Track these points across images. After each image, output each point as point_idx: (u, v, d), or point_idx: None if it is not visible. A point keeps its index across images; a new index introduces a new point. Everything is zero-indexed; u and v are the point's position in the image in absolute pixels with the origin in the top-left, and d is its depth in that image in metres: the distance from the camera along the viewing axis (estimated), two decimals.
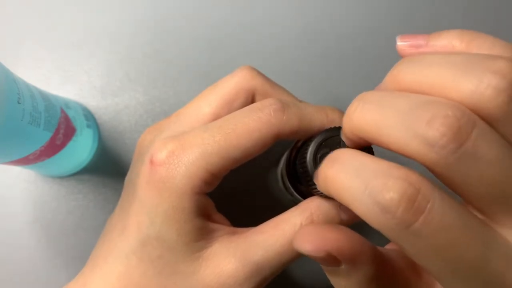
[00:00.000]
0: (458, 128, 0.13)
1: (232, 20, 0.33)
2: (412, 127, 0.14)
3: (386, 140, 0.15)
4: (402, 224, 0.14)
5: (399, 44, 0.19)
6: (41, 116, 0.23)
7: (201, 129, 0.21)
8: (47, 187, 0.31)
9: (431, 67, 0.15)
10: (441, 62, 0.15)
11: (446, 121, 0.13)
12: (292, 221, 0.21)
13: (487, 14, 0.34)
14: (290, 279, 0.31)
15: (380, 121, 0.15)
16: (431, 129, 0.13)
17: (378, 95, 0.16)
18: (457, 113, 0.13)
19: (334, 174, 0.16)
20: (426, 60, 0.15)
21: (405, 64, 0.16)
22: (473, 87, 0.14)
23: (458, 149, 0.13)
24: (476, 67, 0.14)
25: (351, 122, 0.16)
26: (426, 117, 0.14)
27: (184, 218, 0.20)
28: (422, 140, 0.14)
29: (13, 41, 0.32)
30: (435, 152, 0.13)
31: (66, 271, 0.30)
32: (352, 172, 0.15)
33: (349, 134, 0.17)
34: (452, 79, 0.14)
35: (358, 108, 0.16)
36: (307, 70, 0.33)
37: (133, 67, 0.32)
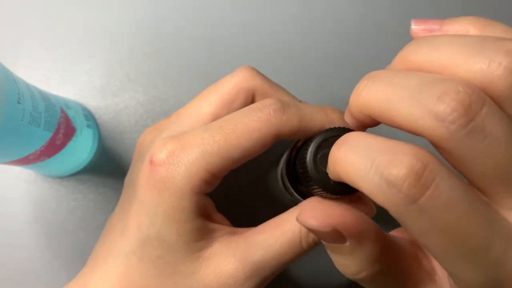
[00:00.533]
0: (468, 104, 0.13)
1: (232, 20, 0.33)
2: (423, 103, 0.14)
3: (395, 116, 0.15)
4: (407, 199, 0.13)
5: (413, 28, 0.19)
6: (41, 116, 0.23)
7: (201, 129, 0.21)
8: (47, 187, 0.31)
9: (441, 47, 0.15)
10: (452, 43, 0.15)
11: (457, 96, 0.13)
12: (292, 221, 0.21)
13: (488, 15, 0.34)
14: (290, 279, 0.31)
15: (389, 98, 0.15)
16: (442, 104, 0.13)
17: (387, 74, 0.16)
18: (468, 90, 0.13)
19: (341, 155, 0.16)
20: (437, 41, 0.15)
21: (415, 45, 0.16)
22: (484, 66, 0.14)
23: (467, 124, 0.13)
24: (487, 47, 0.14)
25: (360, 99, 0.16)
26: (437, 93, 0.14)
27: (184, 218, 0.20)
28: (432, 115, 0.14)
29: (13, 41, 0.33)
30: (444, 127, 0.13)
31: (66, 271, 0.30)
32: (359, 151, 0.15)
33: (356, 112, 0.17)
34: (463, 59, 0.14)
35: (367, 86, 0.16)
36: (307, 69, 0.33)
37: (133, 67, 0.32)
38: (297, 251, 0.21)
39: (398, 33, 0.33)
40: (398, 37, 0.33)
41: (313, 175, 0.19)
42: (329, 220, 0.16)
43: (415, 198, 0.13)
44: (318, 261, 0.30)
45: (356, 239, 0.16)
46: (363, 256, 0.16)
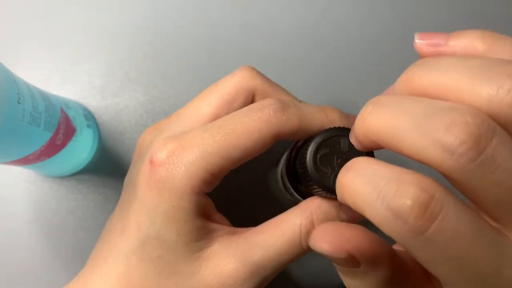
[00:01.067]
0: (478, 136, 0.13)
1: (232, 20, 0.33)
2: (430, 133, 0.13)
3: (402, 145, 0.14)
4: (414, 231, 0.13)
5: (417, 42, 0.18)
6: (41, 116, 0.23)
7: (201, 129, 0.21)
8: (47, 187, 0.31)
9: (448, 71, 0.15)
10: (458, 66, 0.14)
11: (466, 128, 0.13)
12: (292, 221, 0.21)
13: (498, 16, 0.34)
14: (290, 279, 0.31)
15: (396, 125, 0.15)
16: (451, 135, 0.13)
17: (393, 99, 0.15)
18: (477, 120, 0.13)
19: (348, 182, 0.15)
20: (443, 63, 0.15)
21: (420, 66, 0.15)
22: (492, 92, 0.13)
23: (477, 157, 0.13)
24: (495, 72, 0.14)
25: (365, 125, 0.16)
26: (445, 123, 0.13)
27: (184, 218, 0.20)
28: (440, 147, 0.13)
29: (13, 41, 0.32)
30: (453, 160, 0.13)
31: (66, 271, 0.30)
32: (365, 179, 0.15)
33: (362, 137, 0.16)
34: (470, 84, 0.14)
35: (373, 111, 0.15)
36: (307, 69, 0.33)
37: (133, 67, 0.32)
38: (297, 251, 0.21)
39: (399, 33, 0.33)
40: (400, 37, 0.33)
41: (313, 175, 0.19)
42: (343, 245, 0.15)
43: (421, 230, 0.13)
44: (318, 261, 0.30)
45: (371, 263, 0.15)
46: (376, 280, 0.16)
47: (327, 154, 0.19)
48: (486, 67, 0.14)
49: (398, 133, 0.14)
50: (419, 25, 0.34)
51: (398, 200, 0.13)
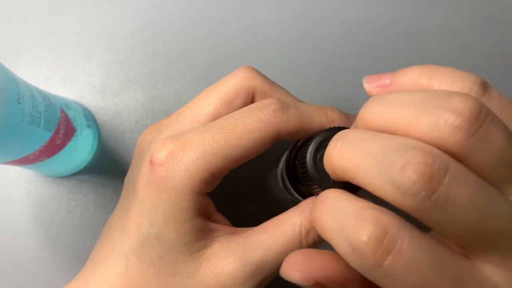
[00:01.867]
0: (430, 175, 0.13)
1: (232, 20, 0.33)
2: (386, 173, 0.14)
3: (362, 182, 0.15)
4: (372, 265, 0.14)
5: (366, 87, 0.20)
6: (41, 116, 0.23)
7: (201, 129, 0.21)
8: (47, 187, 0.31)
9: (392, 107, 0.15)
10: (400, 102, 0.15)
11: (418, 168, 0.13)
12: (292, 221, 0.21)
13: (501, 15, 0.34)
14: None
15: (356, 164, 0.15)
16: (403, 176, 0.14)
17: (355, 135, 0.16)
18: (428, 159, 0.14)
19: (318, 216, 0.16)
20: (388, 100, 0.16)
21: (370, 105, 0.16)
22: (432, 125, 0.14)
23: (431, 196, 0.14)
24: (434, 105, 0.14)
25: (330, 161, 0.17)
26: (399, 164, 0.14)
27: (184, 218, 0.20)
28: (395, 187, 0.14)
29: (13, 41, 0.33)
30: (408, 199, 0.14)
31: (66, 271, 0.30)
32: (332, 214, 0.16)
33: (330, 172, 0.17)
34: (412, 118, 0.15)
35: (336, 148, 0.16)
36: (307, 70, 0.33)
37: (133, 67, 0.32)
38: None
39: (399, 34, 0.33)
40: (399, 38, 0.33)
41: (313, 175, 0.19)
42: (311, 274, 0.16)
43: (379, 263, 0.14)
44: None
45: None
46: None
47: None
48: (426, 100, 0.15)
49: (358, 171, 0.15)
50: (420, 25, 0.34)
51: (356, 236, 0.14)
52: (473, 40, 0.34)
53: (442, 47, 0.34)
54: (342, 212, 0.15)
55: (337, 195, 0.16)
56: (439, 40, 0.34)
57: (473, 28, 0.34)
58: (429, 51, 0.33)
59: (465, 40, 0.34)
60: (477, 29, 0.34)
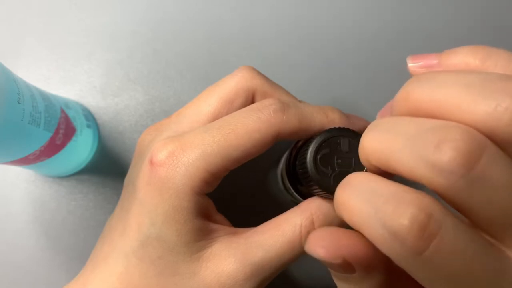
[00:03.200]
0: (467, 152, 0.13)
1: (232, 20, 0.33)
2: (420, 152, 0.13)
3: (396, 165, 0.14)
4: (413, 251, 0.13)
5: (410, 66, 0.18)
6: (41, 116, 0.23)
7: (201, 129, 0.21)
8: (47, 187, 0.31)
9: (444, 87, 0.14)
10: (454, 82, 0.14)
11: (454, 145, 0.13)
12: (292, 222, 0.21)
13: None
14: (290, 279, 0.31)
15: (389, 148, 0.15)
16: (439, 153, 0.13)
17: (388, 122, 0.15)
18: (465, 137, 0.13)
19: (345, 198, 0.15)
20: (439, 79, 0.15)
21: (416, 83, 0.15)
22: (490, 110, 0.13)
23: (467, 174, 0.13)
24: (492, 88, 0.13)
25: (363, 150, 0.16)
26: (434, 141, 0.13)
27: (184, 218, 0.20)
28: (430, 165, 0.13)
29: (13, 41, 0.32)
30: (443, 177, 0.13)
31: (66, 271, 0.30)
32: (363, 196, 0.15)
33: (365, 162, 0.16)
34: (467, 100, 0.14)
35: (369, 136, 0.16)
36: (307, 70, 0.33)
37: (133, 67, 0.32)
38: (298, 252, 0.21)
39: (401, 34, 0.33)
40: (401, 38, 0.33)
41: (313, 176, 0.19)
42: (339, 251, 0.15)
43: (420, 251, 0.13)
44: (319, 261, 0.30)
45: (366, 270, 0.15)
46: (370, 286, 0.16)
47: (327, 154, 0.19)
48: (484, 83, 0.14)
49: (391, 155, 0.15)
50: (421, 26, 0.34)
51: (396, 220, 0.13)
52: (473, 41, 0.34)
53: (443, 47, 0.33)
54: (376, 195, 0.14)
55: (368, 177, 0.15)
56: (440, 41, 0.34)
57: (474, 29, 0.34)
58: (431, 51, 0.33)
59: (465, 40, 0.34)
60: (477, 29, 0.34)
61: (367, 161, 0.16)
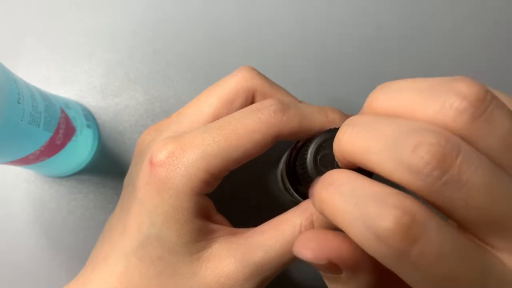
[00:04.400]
0: (442, 155, 0.13)
1: (232, 20, 0.33)
2: (398, 155, 0.14)
3: (374, 165, 0.15)
4: (397, 253, 0.13)
5: None
6: (41, 116, 0.23)
7: (201, 129, 0.21)
8: (47, 187, 0.31)
9: (399, 92, 0.16)
10: (408, 87, 0.15)
11: (430, 148, 0.13)
12: (292, 222, 0.21)
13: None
14: (290, 279, 0.31)
15: (367, 147, 0.15)
16: (416, 157, 0.13)
17: (366, 120, 0.16)
18: (441, 141, 0.13)
19: (328, 197, 0.15)
20: (395, 87, 0.16)
21: (377, 92, 0.16)
22: (437, 108, 0.14)
23: (442, 176, 0.13)
24: (440, 89, 0.14)
25: (340, 146, 0.16)
26: (410, 145, 0.14)
27: (184, 218, 0.20)
28: (407, 168, 0.14)
29: (13, 41, 0.32)
30: (420, 180, 0.13)
31: (66, 271, 0.30)
32: (347, 196, 0.15)
33: (340, 157, 0.17)
34: (419, 102, 0.15)
35: (347, 133, 0.16)
36: (308, 70, 0.33)
37: (133, 67, 0.32)
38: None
39: (401, 34, 0.33)
40: (402, 38, 0.33)
41: (313, 176, 0.19)
42: (324, 252, 0.16)
43: (404, 253, 0.13)
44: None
45: (352, 270, 0.16)
46: (358, 286, 0.16)
47: (328, 154, 0.19)
48: (432, 86, 0.15)
49: (370, 155, 0.15)
50: (421, 26, 0.34)
51: (379, 222, 0.13)
52: (474, 41, 0.34)
53: (443, 48, 0.33)
54: (360, 195, 0.14)
55: (350, 176, 0.16)
56: (440, 42, 0.34)
57: (474, 29, 0.34)
58: (430, 52, 0.33)
59: (466, 41, 0.34)
60: (477, 29, 0.34)
61: (342, 157, 0.16)
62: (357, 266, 0.16)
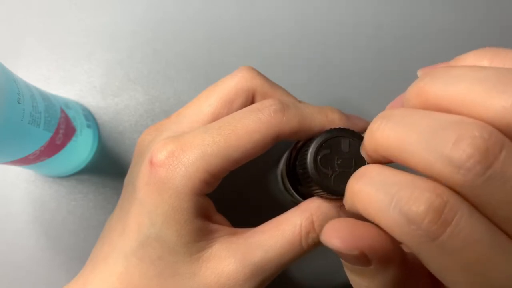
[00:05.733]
0: (485, 150, 0.13)
1: (233, 20, 0.33)
2: (438, 147, 0.13)
3: (410, 159, 0.14)
4: (428, 236, 0.13)
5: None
6: (41, 116, 0.23)
7: (201, 130, 0.21)
8: (47, 187, 0.31)
9: (459, 81, 0.14)
10: (469, 76, 0.14)
11: (473, 142, 0.13)
12: (292, 222, 0.21)
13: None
14: (290, 279, 0.31)
15: (404, 140, 0.14)
16: (458, 150, 0.13)
17: (401, 113, 0.15)
18: (484, 134, 0.13)
19: (359, 189, 0.15)
20: (454, 73, 0.14)
21: (430, 78, 0.15)
22: (507, 105, 0.13)
23: (485, 172, 0.13)
24: (508, 83, 0.13)
25: (374, 140, 0.16)
26: (452, 138, 0.13)
27: (184, 218, 0.20)
28: (447, 161, 0.13)
29: (13, 41, 0.32)
30: (461, 174, 0.13)
31: (66, 271, 0.30)
32: (377, 186, 0.15)
33: (371, 152, 0.16)
34: (482, 96, 0.13)
35: (381, 126, 0.15)
36: (307, 70, 0.33)
37: (133, 67, 0.32)
38: (298, 252, 0.21)
39: (402, 35, 0.33)
40: (402, 38, 0.33)
41: (313, 176, 0.19)
42: (356, 242, 0.15)
43: (435, 236, 0.13)
44: (319, 261, 0.30)
45: (382, 263, 0.15)
46: (385, 280, 0.16)
47: (328, 155, 0.19)
48: (498, 78, 0.13)
49: (406, 148, 0.14)
50: (423, 26, 0.34)
51: (412, 205, 0.13)
52: (474, 41, 0.34)
53: (443, 48, 0.33)
54: (391, 183, 0.14)
55: (380, 168, 0.15)
56: (441, 42, 0.33)
57: (474, 29, 0.34)
58: (431, 52, 0.33)
59: (466, 41, 0.34)
60: (483, 29, 0.34)
61: (375, 151, 0.16)
62: (388, 258, 0.15)
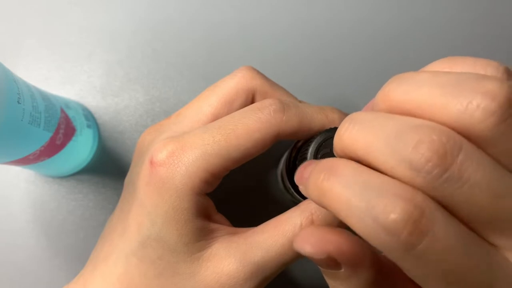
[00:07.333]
0: (443, 153, 0.13)
1: (232, 20, 0.33)
2: (399, 151, 0.14)
3: (375, 162, 0.15)
4: (405, 246, 0.13)
5: None
6: (41, 116, 0.23)
7: (201, 129, 0.21)
8: (47, 187, 0.31)
9: (421, 86, 0.15)
10: (431, 81, 0.15)
11: (431, 145, 0.13)
12: (292, 221, 0.21)
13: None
14: (290, 279, 0.31)
15: (368, 143, 0.15)
16: (417, 154, 0.13)
17: (368, 116, 0.16)
18: (442, 138, 0.13)
19: (330, 187, 0.15)
20: (418, 78, 0.15)
21: (396, 83, 0.16)
22: (462, 108, 0.13)
23: (443, 174, 0.13)
24: (465, 87, 0.14)
25: (341, 142, 0.16)
26: (412, 141, 0.13)
27: (185, 218, 0.20)
28: (408, 165, 0.13)
29: (13, 41, 0.32)
30: (421, 177, 0.13)
31: (66, 271, 0.30)
32: (351, 187, 0.14)
33: (340, 153, 0.16)
34: (441, 100, 0.14)
35: (349, 129, 0.16)
36: (307, 70, 0.33)
37: (133, 67, 0.32)
38: (298, 252, 0.21)
39: (401, 34, 0.33)
40: (401, 38, 0.33)
41: None
42: (324, 247, 0.15)
43: (412, 246, 0.13)
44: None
45: (351, 266, 0.16)
46: (358, 282, 0.16)
47: (328, 154, 0.19)
48: (457, 82, 0.14)
49: (371, 150, 0.15)
50: (421, 25, 0.34)
51: (389, 215, 0.13)
52: (474, 41, 0.34)
53: (443, 48, 0.34)
54: (365, 185, 0.14)
55: (353, 165, 0.15)
56: (441, 42, 0.34)
57: (474, 28, 0.34)
58: (430, 52, 0.33)
59: (466, 41, 0.34)
60: (477, 29, 0.34)
61: (343, 153, 0.16)
62: (356, 261, 0.16)
